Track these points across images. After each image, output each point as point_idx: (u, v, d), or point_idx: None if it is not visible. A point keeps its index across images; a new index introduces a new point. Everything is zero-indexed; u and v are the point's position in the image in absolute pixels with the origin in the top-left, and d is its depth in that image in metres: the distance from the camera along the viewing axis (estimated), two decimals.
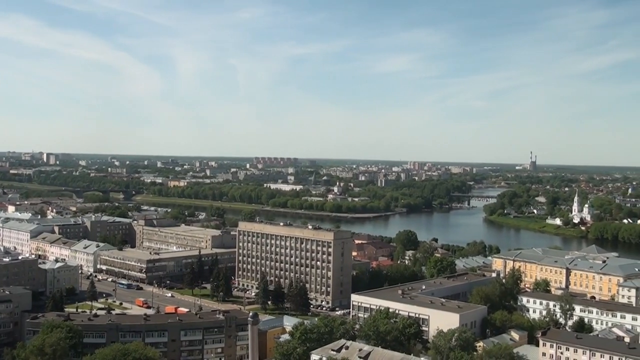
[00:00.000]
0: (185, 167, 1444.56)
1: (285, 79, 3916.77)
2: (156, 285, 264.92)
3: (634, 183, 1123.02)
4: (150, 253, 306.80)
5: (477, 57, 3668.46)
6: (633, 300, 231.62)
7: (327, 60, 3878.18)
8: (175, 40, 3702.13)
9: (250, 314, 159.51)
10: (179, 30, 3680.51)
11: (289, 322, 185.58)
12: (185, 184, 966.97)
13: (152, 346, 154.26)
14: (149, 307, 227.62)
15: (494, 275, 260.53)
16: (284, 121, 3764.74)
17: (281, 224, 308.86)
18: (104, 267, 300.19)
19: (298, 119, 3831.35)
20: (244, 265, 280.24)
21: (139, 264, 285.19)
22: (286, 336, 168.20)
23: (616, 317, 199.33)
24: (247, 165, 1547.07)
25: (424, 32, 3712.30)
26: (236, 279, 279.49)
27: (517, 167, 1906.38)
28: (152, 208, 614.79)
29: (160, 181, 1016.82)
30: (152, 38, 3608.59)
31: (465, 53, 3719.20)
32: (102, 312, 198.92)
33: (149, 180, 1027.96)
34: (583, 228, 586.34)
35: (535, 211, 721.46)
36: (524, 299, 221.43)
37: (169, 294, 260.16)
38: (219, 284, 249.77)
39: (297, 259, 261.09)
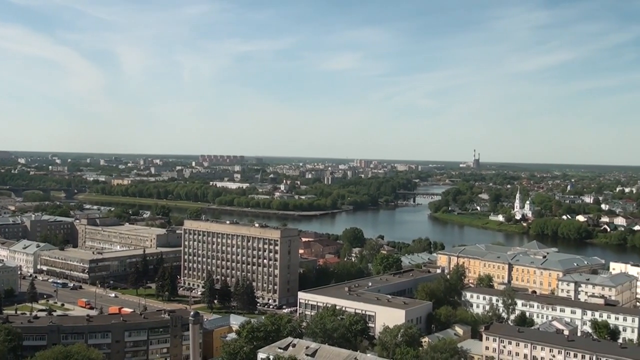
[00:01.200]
0: (129, 165, 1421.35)
1: (232, 76, 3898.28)
2: (99, 285, 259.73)
3: (573, 180, 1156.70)
4: (93, 253, 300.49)
5: (422, 55, 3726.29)
6: (572, 294, 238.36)
7: (273, 58, 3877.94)
8: (120, 35, 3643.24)
9: (192, 313, 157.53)
10: (123, 26, 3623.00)
11: (236, 320, 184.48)
12: (129, 182, 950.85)
13: (96, 348, 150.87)
14: (91, 308, 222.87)
15: (438, 271, 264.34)
16: (231, 119, 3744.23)
17: (227, 222, 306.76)
18: (44, 268, 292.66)
19: (245, 116, 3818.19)
20: (190, 264, 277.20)
21: (81, 264, 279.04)
22: (233, 335, 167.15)
23: (556, 310, 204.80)
24: (193, 163, 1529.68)
25: (371, 31, 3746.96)
26: (182, 278, 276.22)
27: (461, 165, 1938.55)
28: (95, 207, 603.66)
29: (103, 179, 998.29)
30: (96, 33, 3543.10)
31: (411, 52, 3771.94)
32: (43, 314, 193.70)
33: (91, 179, 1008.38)
34: (524, 224, 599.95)
35: (478, 208, 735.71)
36: (468, 295, 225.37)
37: (113, 294, 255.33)
38: (164, 284, 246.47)
39: (244, 258, 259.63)
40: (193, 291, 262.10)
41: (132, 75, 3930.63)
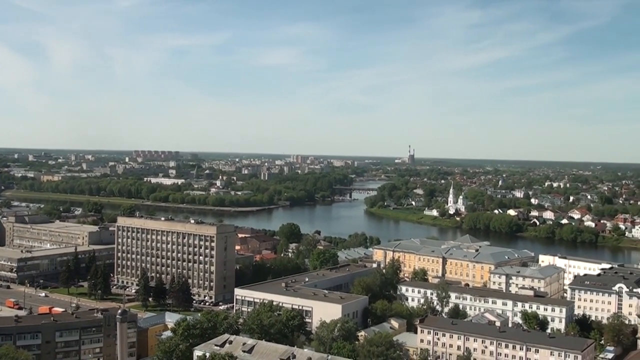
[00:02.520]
0: (59, 160, 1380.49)
1: (167, 71, 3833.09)
2: (28, 284, 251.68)
3: (504, 175, 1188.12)
4: (22, 251, 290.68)
5: (359, 52, 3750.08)
6: (503, 286, 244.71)
7: (209, 52, 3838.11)
8: (48, 27, 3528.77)
9: (119, 311, 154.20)
10: (52, 17, 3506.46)
11: (171, 318, 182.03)
12: (60, 178, 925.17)
13: (25, 349, 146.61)
14: (20, 308, 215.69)
15: (374, 265, 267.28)
16: (165, 114, 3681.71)
17: (162, 218, 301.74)
18: None
19: (179, 111, 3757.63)
20: (124, 262, 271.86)
21: (9, 263, 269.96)
22: (168, 333, 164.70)
23: (488, 302, 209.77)
24: (127, 159, 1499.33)
25: (308, 26, 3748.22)
26: (115, 276, 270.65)
27: (396, 161, 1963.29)
28: (24, 204, 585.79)
29: (32, 175, 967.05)
30: (22, 24, 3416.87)
31: (347, 48, 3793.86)
32: None
33: (19, 175, 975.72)
34: (458, 219, 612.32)
35: (413, 203, 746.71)
36: (403, 288, 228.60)
37: (43, 294, 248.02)
38: (96, 282, 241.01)
39: (179, 254, 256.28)
40: (127, 289, 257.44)
41: (63, 68, 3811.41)
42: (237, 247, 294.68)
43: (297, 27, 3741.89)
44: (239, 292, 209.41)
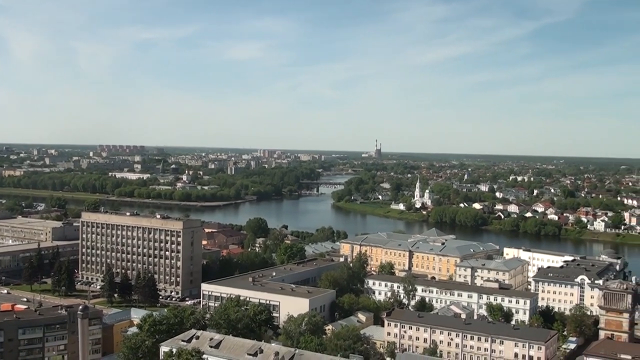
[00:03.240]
0: (21, 155, 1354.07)
1: (132, 64, 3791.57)
2: None
3: (470, 169, 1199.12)
4: None
5: (327, 46, 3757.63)
6: (469, 279, 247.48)
7: (175, 46, 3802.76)
8: (9, 19, 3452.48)
9: (80, 307, 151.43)
10: (13, 9, 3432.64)
11: (137, 314, 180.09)
12: (22, 173, 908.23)
13: None
14: None
15: (341, 259, 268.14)
16: (130, 108, 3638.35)
17: (128, 213, 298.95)
18: None
19: (145, 105, 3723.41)
20: (89, 258, 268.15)
21: None
22: (134, 329, 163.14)
23: (454, 295, 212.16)
24: (91, 154, 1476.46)
25: (275, 20, 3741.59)
26: (80, 272, 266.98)
27: (363, 155, 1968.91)
28: None
29: None
30: None
31: (315, 42, 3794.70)
32: None
33: None
34: (424, 212, 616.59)
35: (380, 197, 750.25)
36: (370, 282, 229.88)
37: (5, 291, 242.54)
38: (60, 278, 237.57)
39: (145, 250, 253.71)
40: (92, 285, 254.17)
41: (25, 62, 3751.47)
42: (204, 242, 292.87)
43: (264, 21, 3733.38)
44: (206, 287, 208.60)
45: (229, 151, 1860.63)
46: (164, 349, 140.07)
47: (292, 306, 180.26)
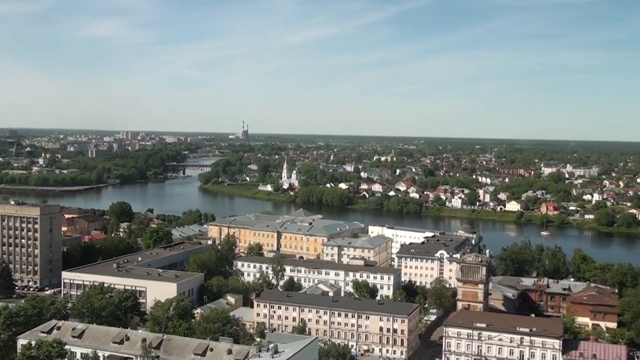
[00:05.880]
0: None
1: None
2: None
3: (336, 150, 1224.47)
4: None
5: (190, 26, 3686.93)
6: (336, 257, 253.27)
7: (27, 21, 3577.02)
8: None
9: None
10: None
11: None
12: None
13: None
14: None
15: (209, 242, 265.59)
16: None
17: None
18: None
19: None
20: None
21: None
22: None
23: (321, 274, 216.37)
24: None
25: None
26: None
27: (230, 137, 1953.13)
28: None
29: None
30: None
31: (178, 21, 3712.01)
32: None
33: None
34: (292, 193, 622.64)
35: (248, 179, 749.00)
36: (239, 264, 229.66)
37: None
38: None
39: None
40: None
41: None
42: (64, 229, 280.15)
43: None
44: (67, 275, 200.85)
45: (90, 133, 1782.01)
46: (21, 341, 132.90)
47: (159, 291, 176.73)
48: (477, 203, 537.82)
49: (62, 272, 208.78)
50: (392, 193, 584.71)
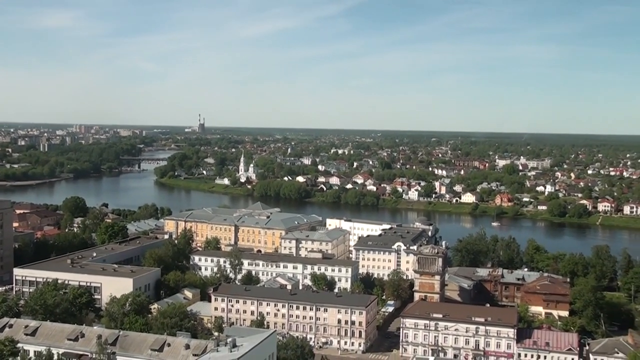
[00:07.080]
0: None
1: None
2: None
3: (293, 143, 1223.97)
4: None
5: (147, 17, 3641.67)
6: (294, 250, 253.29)
7: None
8: None
9: None
10: None
11: None
12: None
13: None
14: None
15: (166, 237, 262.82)
16: None
17: None
18: None
19: None
20: None
21: None
22: None
23: (280, 267, 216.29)
24: None
25: None
26: None
27: (186, 130, 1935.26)
28: None
29: None
30: None
31: (131, 12, 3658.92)
32: None
33: None
34: (249, 186, 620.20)
35: (204, 172, 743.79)
36: (196, 258, 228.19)
37: None
38: None
39: None
40: None
41: None
42: (15, 224, 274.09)
43: None
44: (19, 272, 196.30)
45: (41, 126, 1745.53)
46: None
47: (115, 287, 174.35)
48: (433, 195, 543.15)
49: (13, 268, 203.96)
50: (349, 186, 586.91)
